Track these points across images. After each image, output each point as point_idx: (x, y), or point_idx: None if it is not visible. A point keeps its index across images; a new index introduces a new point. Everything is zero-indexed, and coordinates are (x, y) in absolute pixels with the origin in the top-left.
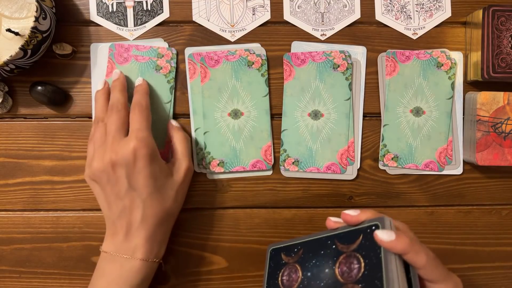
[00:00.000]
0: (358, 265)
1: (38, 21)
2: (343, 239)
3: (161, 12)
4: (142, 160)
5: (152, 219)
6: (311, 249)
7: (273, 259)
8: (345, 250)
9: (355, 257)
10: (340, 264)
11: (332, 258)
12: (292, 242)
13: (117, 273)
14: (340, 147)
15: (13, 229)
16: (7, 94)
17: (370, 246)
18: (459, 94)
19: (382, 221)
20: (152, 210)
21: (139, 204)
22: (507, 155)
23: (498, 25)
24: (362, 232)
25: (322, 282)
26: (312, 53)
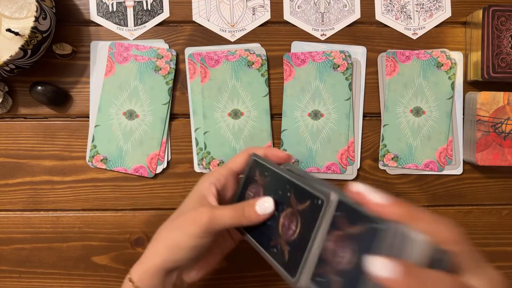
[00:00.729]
0: (294, 228)
1: (38, 21)
2: (297, 193)
3: (161, 12)
4: None
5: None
6: (275, 183)
7: (251, 170)
8: (293, 205)
9: (296, 218)
10: (285, 216)
11: (283, 205)
12: (267, 164)
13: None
14: (340, 147)
15: (13, 229)
16: (7, 94)
17: (310, 218)
18: (459, 94)
19: (327, 197)
20: None
21: None
22: (507, 155)
23: (498, 25)
24: (311, 199)
25: (269, 221)
26: (312, 53)
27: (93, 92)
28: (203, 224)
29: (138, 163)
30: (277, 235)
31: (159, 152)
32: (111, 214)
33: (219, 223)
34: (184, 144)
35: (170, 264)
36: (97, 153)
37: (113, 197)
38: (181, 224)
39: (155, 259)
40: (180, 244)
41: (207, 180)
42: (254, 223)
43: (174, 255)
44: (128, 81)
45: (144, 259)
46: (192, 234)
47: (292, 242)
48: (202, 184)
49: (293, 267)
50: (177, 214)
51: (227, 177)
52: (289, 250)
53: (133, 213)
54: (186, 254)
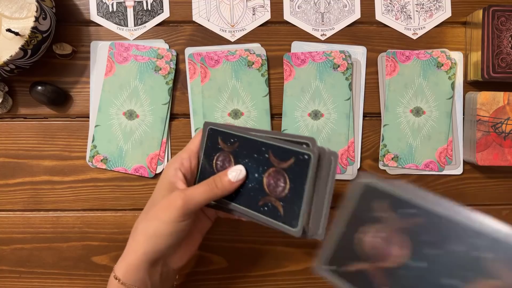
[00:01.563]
0: (283, 185)
1: (38, 21)
2: (276, 153)
3: (161, 12)
4: None
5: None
6: (246, 147)
7: (210, 138)
8: (276, 164)
9: (283, 175)
10: (269, 176)
11: (263, 166)
12: (229, 131)
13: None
14: (340, 147)
15: (13, 229)
16: (7, 94)
17: (299, 173)
18: (459, 94)
19: (313, 142)
20: None
21: None
22: (507, 155)
23: (498, 25)
24: (295, 155)
25: (250, 183)
26: (312, 53)
27: (93, 92)
28: (179, 208)
29: (138, 163)
30: (264, 194)
31: (159, 152)
32: (111, 214)
33: (194, 202)
34: (184, 144)
35: (152, 255)
36: (97, 153)
37: (113, 197)
38: (156, 213)
39: (137, 252)
40: (159, 233)
41: (172, 166)
42: (229, 191)
43: (155, 245)
44: (128, 81)
45: (125, 254)
46: (169, 220)
47: (285, 198)
48: (167, 171)
49: (292, 219)
50: (149, 205)
51: (190, 159)
52: (283, 205)
53: (133, 213)
54: (166, 241)
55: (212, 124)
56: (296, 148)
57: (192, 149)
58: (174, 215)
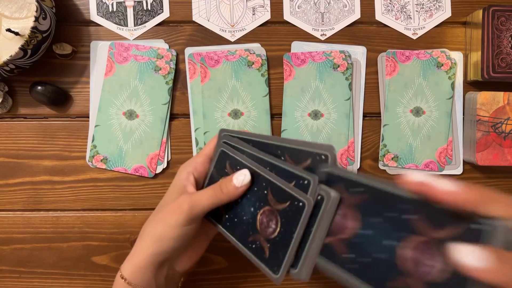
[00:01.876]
0: (274, 226)
1: (38, 21)
2: (274, 192)
3: (161, 12)
4: None
5: None
6: (251, 171)
7: (219, 161)
8: (272, 204)
9: (276, 217)
10: (263, 213)
11: (260, 202)
12: (239, 158)
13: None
14: (340, 147)
15: (13, 229)
16: (7, 94)
17: (291, 219)
18: (459, 94)
19: (309, 201)
20: None
21: None
22: (507, 155)
23: (498, 25)
24: (291, 199)
25: (246, 215)
26: (312, 53)
27: (93, 92)
28: (185, 212)
29: (138, 163)
30: (255, 231)
31: (159, 152)
32: (111, 214)
33: (199, 207)
34: (184, 144)
35: (158, 257)
36: (97, 153)
37: (113, 197)
38: (163, 216)
39: (144, 253)
40: (165, 236)
41: (185, 170)
42: (235, 197)
43: (161, 247)
44: (128, 81)
45: (133, 255)
46: (176, 224)
47: (273, 240)
48: (180, 175)
49: (275, 264)
50: (159, 207)
51: (204, 164)
52: (270, 247)
53: (133, 213)
54: (173, 244)
55: (225, 146)
56: (293, 192)
57: (206, 154)
58: (180, 219)
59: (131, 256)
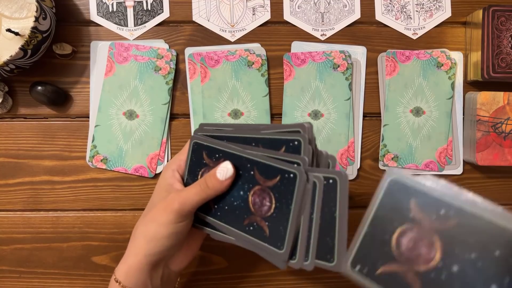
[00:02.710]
0: (269, 204)
1: (38, 21)
2: (261, 170)
3: (161, 12)
4: None
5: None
6: (233, 163)
7: (195, 152)
8: (261, 182)
9: (268, 194)
10: (254, 194)
11: (248, 184)
12: (215, 145)
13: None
14: (340, 147)
15: (13, 229)
16: (7, 94)
17: (285, 192)
18: (459, 94)
19: (301, 172)
20: None
21: None
22: (507, 155)
23: (498, 25)
24: (281, 173)
25: (236, 201)
26: (312, 53)
27: (93, 92)
28: (175, 210)
29: (138, 163)
30: (249, 213)
31: (159, 152)
32: (111, 214)
33: (189, 203)
34: (184, 144)
35: (152, 257)
36: (97, 153)
37: (113, 197)
38: (154, 216)
39: (137, 255)
40: (158, 235)
41: (169, 168)
42: (221, 191)
43: (154, 247)
44: (128, 81)
45: (126, 257)
46: (166, 222)
47: (271, 217)
48: (165, 173)
49: (277, 240)
50: (149, 207)
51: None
52: (269, 225)
53: (133, 213)
54: (166, 243)
55: (197, 137)
56: (281, 166)
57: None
58: (171, 217)
59: (124, 258)
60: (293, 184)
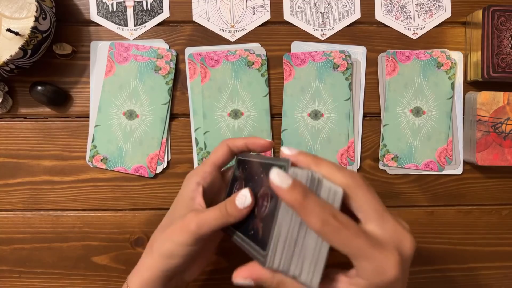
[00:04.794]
0: (266, 203)
1: (38, 21)
2: (267, 172)
3: (161, 12)
4: None
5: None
6: (251, 171)
7: (236, 169)
8: (266, 183)
9: (267, 194)
10: (260, 196)
11: (259, 187)
12: (247, 158)
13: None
14: (340, 147)
15: (13, 229)
16: (7, 94)
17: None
18: (459, 94)
19: (287, 162)
20: None
21: None
22: (507, 155)
23: (498, 25)
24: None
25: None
26: (312, 53)
27: (93, 92)
28: (192, 232)
29: (138, 163)
30: (254, 217)
31: (159, 152)
32: (111, 214)
33: (206, 227)
34: (184, 144)
35: (167, 273)
36: (97, 153)
37: (113, 197)
38: (171, 235)
39: (153, 269)
40: (173, 254)
41: (193, 180)
42: (239, 218)
43: (170, 264)
44: (128, 81)
45: (140, 268)
46: (183, 243)
47: (264, 218)
48: (188, 185)
49: (265, 241)
50: (168, 220)
51: (212, 173)
52: (262, 225)
53: (133, 213)
54: (181, 261)
55: (241, 155)
56: (273, 161)
57: (214, 162)
58: (187, 239)
59: (138, 269)
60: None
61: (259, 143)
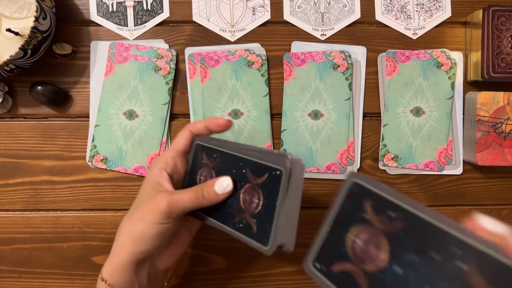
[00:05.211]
0: (257, 201)
1: (38, 21)
2: (252, 169)
3: (161, 12)
4: None
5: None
6: (226, 162)
7: (196, 154)
8: (252, 180)
9: (257, 191)
10: (245, 192)
11: (240, 182)
12: (213, 146)
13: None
14: (340, 147)
15: (13, 229)
16: (7, 94)
17: (271, 189)
18: (459, 94)
19: (285, 167)
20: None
21: None
22: (507, 155)
23: (498, 25)
24: (269, 171)
25: (229, 199)
26: (312, 53)
27: (93, 92)
28: (163, 211)
29: (138, 163)
30: (240, 211)
31: (159, 152)
32: (111, 214)
33: (179, 207)
34: None
35: (137, 256)
36: (97, 153)
37: (113, 197)
38: (141, 215)
39: (122, 254)
40: (144, 235)
41: (156, 166)
42: (214, 202)
43: (140, 246)
44: (128, 81)
45: (111, 256)
46: (154, 222)
47: (258, 214)
48: (152, 172)
49: (263, 236)
50: (135, 205)
51: (175, 159)
52: (256, 222)
53: None
54: (152, 243)
55: (200, 138)
56: (268, 163)
57: (176, 149)
58: (159, 217)
59: (110, 257)
60: (278, 182)
61: (217, 123)
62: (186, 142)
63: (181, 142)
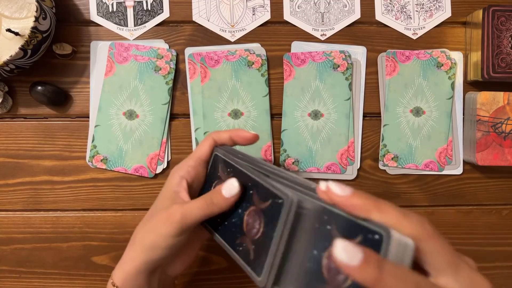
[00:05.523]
0: (258, 227)
1: (38, 21)
2: (259, 191)
3: (161, 12)
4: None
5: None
6: (238, 179)
7: (213, 165)
8: (256, 204)
9: (259, 217)
10: (249, 214)
11: (247, 203)
12: (229, 160)
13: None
14: (340, 147)
15: (13, 229)
16: (7, 94)
17: (272, 218)
18: (459, 94)
19: (287, 198)
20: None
21: None
22: (507, 155)
23: (498, 25)
24: (272, 197)
25: (234, 218)
26: (312, 53)
27: (93, 92)
28: (176, 223)
29: (138, 163)
30: (242, 233)
31: (159, 152)
32: (111, 214)
33: (191, 218)
34: (184, 144)
35: (150, 265)
36: (97, 153)
37: (113, 197)
38: (155, 226)
39: (135, 261)
40: (156, 245)
41: (177, 174)
42: (225, 208)
43: (153, 256)
44: (128, 81)
45: (123, 262)
46: (167, 234)
47: (257, 241)
48: (172, 179)
49: (258, 266)
50: (151, 213)
51: (196, 167)
52: (254, 248)
53: (133, 213)
54: (164, 253)
55: (219, 149)
56: (273, 189)
57: (198, 157)
58: (172, 230)
59: (121, 263)
60: (279, 211)
61: (243, 136)
62: (208, 150)
63: (204, 150)
